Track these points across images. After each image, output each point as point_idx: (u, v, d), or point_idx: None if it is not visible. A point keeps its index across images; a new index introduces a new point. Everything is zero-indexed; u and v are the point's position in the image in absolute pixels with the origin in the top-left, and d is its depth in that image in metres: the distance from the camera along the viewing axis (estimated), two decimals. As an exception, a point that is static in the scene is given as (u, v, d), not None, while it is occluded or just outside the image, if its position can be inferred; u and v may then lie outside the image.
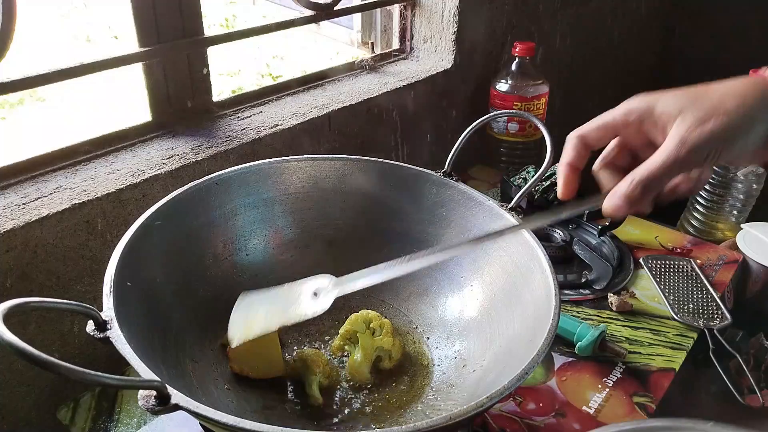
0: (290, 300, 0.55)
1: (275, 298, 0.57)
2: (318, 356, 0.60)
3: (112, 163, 0.73)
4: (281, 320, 0.54)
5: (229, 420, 0.39)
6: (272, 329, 0.54)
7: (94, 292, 0.69)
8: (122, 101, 2.43)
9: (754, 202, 1.11)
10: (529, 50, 1.06)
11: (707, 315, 0.78)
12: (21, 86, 0.66)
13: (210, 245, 0.65)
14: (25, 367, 0.65)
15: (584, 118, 0.50)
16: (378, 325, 0.62)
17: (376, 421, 0.57)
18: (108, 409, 0.64)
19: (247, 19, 3.44)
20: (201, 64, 0.82)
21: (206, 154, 0.76)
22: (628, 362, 0.71)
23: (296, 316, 0.53)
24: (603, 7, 1.50)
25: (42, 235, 0.63)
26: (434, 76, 1.05)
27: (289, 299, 0.56)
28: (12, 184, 0.68)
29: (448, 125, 1.12)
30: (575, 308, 0.79)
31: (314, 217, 0.71)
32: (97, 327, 0.44)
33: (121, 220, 0.69)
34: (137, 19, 0.74)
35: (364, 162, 0.70)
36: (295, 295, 0.56)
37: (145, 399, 0.39)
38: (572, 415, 0.64)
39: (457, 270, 0.67)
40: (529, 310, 0.55)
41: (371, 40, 1.15)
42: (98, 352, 0.70)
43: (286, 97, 0.93)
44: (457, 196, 0.67)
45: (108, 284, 0.48)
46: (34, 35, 2.89)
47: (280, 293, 0.57)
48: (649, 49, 1.82)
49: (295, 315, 0.53)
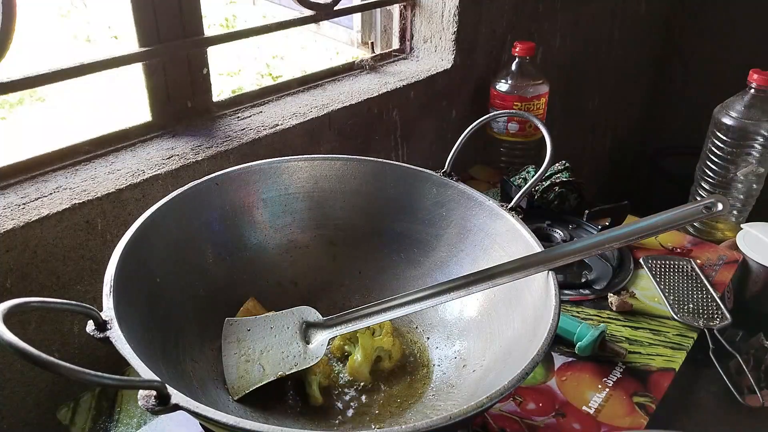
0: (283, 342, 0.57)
1: (267, 339, 0.58)
2: (318, 356, 0.60)
3: (112, 163, 0.73)
4: (280, 370, 0.56)
5: (229, 420, 0.39)
6: (268, 381, 0.56)
7: (94, 292, 0.69)
8: (122, 101, 2.43)
9: (754, 202, 1.11)
10: (529, 50, 1.06)
11: (707, 315, 0.77)
12: (21, 86, 0.66)
13: (210, 245, 0.65)
14: (25, 367, 0.65)
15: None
16: (378, 325, 0.62)
17: (376, 421, 0.57)
18: (108, 409, 0.64)
19: (247, 19, 3.44)
20: (201, 64, 0.82)
21: (206, 154, 0.76)
22: (628, 362, 0.71)
23: (292, 367, 0.55)
24: (603, 8, 1.50)
25: (42, 235, 0.63)
26: (434, 76, 1.05)
27: (281, 341, 0.57)
28: (12, 184, 0.68)
29: (448, 125, 1.12)
30: (575, 308, 0.79)
31: (314, 217, 0.71)
32: (97, 327, 0.44)
33: (121, 220, 0.69)
34: (137, 19, 0.74)
35: (364, 162, 0.70)
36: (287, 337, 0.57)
37: (145, 399, 0.39)
38: (572, 415, 0.64)
39: (457, 270, 0.67)
40: (529, 310, 0.55)
41: (371, 40, 1.15)
42: (98, 352, 0.70)
43: (286, 97, 0.93)
44: (457, 196, 0.67)
45: (108, 284, 0.48)
46: (34, 35, 2.89)
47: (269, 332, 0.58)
48: (649, 50, 1.82)
49: (289, 364, 0.55)
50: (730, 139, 1.05)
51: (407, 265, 0.70)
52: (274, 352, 0.57)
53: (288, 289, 0.69)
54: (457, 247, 0.67)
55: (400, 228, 0.70)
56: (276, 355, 0.57)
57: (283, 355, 0.57)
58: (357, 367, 0.61)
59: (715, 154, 1.09)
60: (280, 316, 0.60)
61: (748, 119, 1.03)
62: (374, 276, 0.70)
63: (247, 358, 0.57)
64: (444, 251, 0.68)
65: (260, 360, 0.57)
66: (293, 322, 0.59)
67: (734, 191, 1.09)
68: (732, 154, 1.06)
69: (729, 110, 1.05)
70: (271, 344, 0.58)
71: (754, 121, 1.02)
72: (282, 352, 0.57)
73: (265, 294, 0.67)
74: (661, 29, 1.83)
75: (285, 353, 0.57)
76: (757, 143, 1.04)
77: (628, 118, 1.89)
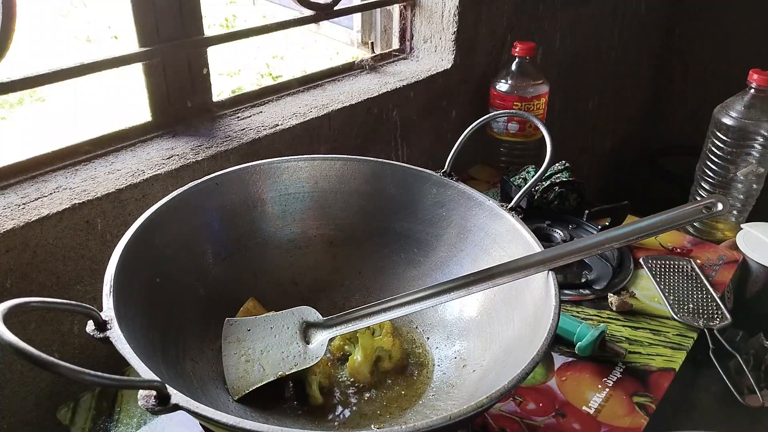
0: (283, 342, 0.57)
1: (267, 339, 0.58)
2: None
3: (112, 163, 0.73)
4: (280, 370, 0.56)
5: (229, 420, 0.39)
6: (268, 381, 0.56)
7: (94, 292, 0.69)
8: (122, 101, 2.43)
9: (754, 202, 1.11)
10: (529, 50, 1.06)
11: (707, 315, 0.77)
12: (21, 86, 0.66)
13: (210, 245, 0.65)
14: (26, 367, 0.65)
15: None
16: (378, 325, 0.62)
17: (376, 422, 0.57)
18: (108, 409, 0.64)
19: (247, 19, 3.44)
20: (201, 64, 0.82)
21: (206, 154, 0.76)
22: (628, 362, 0.71)
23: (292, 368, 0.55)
24: (603, 7, 1.50)
25: (42, 235, 0.63)
26: (434, 76, 1.05)
27: (281, 342, 0.57)
28: (12, 184, 0.68)
29: (447, 125, 1.12)
30: (575, 308, 0.79)
31: (314, 217, 0.71)
32: (96, 327, 0.44)
33: (121, 220, 0.69)
34: (137, 19, 0.74)
35: (364, 162, 0.70)
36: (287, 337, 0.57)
37: (145, 399, 0.39)
38: (572, 415, 0.64)
39: (458, 270, 0.67)
40: (529, 310, 0.55)
41: (371, 40, 1.15)
42: (98, 352, 0.70)
43: (286, 97, 0.93)
44: (457, 196, 0.67)
45: (108, 284, 0.48)
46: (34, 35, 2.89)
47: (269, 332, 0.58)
48: (649, 49, 1.82)
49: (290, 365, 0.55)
50: (730, 139, 1.05)
51: (407, 265, 0.70)
52: (274, 352, 0.57)
53: (288, 289, 0.69)
54: (457, 247, 0.67)
55: (400, 228, 0.70)
56: (276, 355, 0.57)
57: (283, 355, 0.57)
58: (357, 367, 0.61)
59: (715, 154, 1.09)
60: (280, 316, 0.60)
61: (748, 119, 1.03)
62: (374, 276, 0.70)
63: (247, 358, 0.57)
64: (444, 251, 0.68)
65: (260, 360, 0.57)
66: (293, 322, 0.59)
67: (734, 191, 1.09)
68: (732, 154, 1.06)
69: (729, 110, 1.05)
70: (271, 344, 0.58)
71: (754, 121, 1.02)
72: (282, 352, 0.57)
73: (265, 294, 0.67)
74: (661, 29, 1.83)
75: (285, 353, 0.57)
76: (757, 143, 1.04)
77: (628, 117, 1.89)
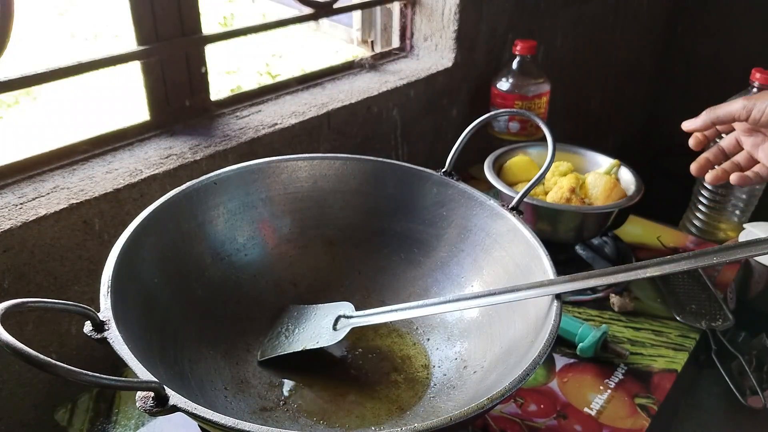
0: (317, 326, 0.62)
1: (307, 323, 0.64)
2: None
3: (109, 163, 0.73)
4: (301, 345, 0.61)
5: (228, 421, 0.39)
6: (292, 351, 0.61)
7: (91, 293, 0.69)
8: (120, 100, 2.43)
9: (757, 201, 1.11)
10: (530, 49, 1.05)
11: (709, 316, 0.77)
12: (18, 85, 0.65)
13: (208, 245, 0.64)
14: (23, 368, 0.65)
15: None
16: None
17: (376, 422, 0.56)
18: (106, 410, 0.63)
19: (246, 18, 3.44)
20: (199, 63, 0.81)
21: (204, 153, 0.76)
22: (630, 363, 0.70)
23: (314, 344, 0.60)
24: (604, 6, 1.49)
25: (39, 235, 0.62)
26: (434, 74, 1.05)
27: (315, 326, 0.63)
28: (9, 183, 0.67)
29: (448, 124, 1.12)
30: (577, 309, 0.79)
31: (314, 217, 0.70)
32: (94, 328, 0.44)
33: (119, 220, 0.69)
34: (135, 18, 0.73)
35: (363, 161, 0.70)
36: (322, 324, 0.62)
37: (143, 400, 0.39)
38: (574, 417, 0.64)
39: (458, 270, 0.66)
40: (530, 311, 0.55)
41: (371, 39, 1.15)
42: (96, 353, 0.70)
43: (285, 96, 0.93)
44: (457, 196, 0.67)
45: (105, 285, 0.48)
46: (31, 33, 2.88)
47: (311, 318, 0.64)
48: (651, 48, 1.82)
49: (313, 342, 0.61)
50: (732, 139, 1.05)
51: (407, 265, 0.69)
52: (307, 332, 0.62)
53: (287, 290, 0.68)
54: (457, 247, 0.67)
55: (400, 228, 0.70)
56: (308, 335, 0.62)
57: (313, 334, 0.62)
58: (357, 368, 0.60)
59: (716, 153, 1.08)
60: (325, 307, 0.64)
61: (750, 118, 1.02)
62: (374, 276, 0.70)
63: (287, 334, 0.63)
64: (444, 251, 0.68)
65: (294, 335, 0.63)
66: (332, 313, 0.63)
67: (736, 191, 1.09)
68: (734, 153, 1.06)
69: (731, 109, 1.05)
70: (308, 327, 0.63)
71: (756, 120, 1.02)
72: (313, 333, 0.62)
73: (263, 294, 0.66)
74: (663, 28, 1.83)
75: (314, 334, 0.62)
76: (759, 142, 1.03)
77: (630, 116, 1.89)
